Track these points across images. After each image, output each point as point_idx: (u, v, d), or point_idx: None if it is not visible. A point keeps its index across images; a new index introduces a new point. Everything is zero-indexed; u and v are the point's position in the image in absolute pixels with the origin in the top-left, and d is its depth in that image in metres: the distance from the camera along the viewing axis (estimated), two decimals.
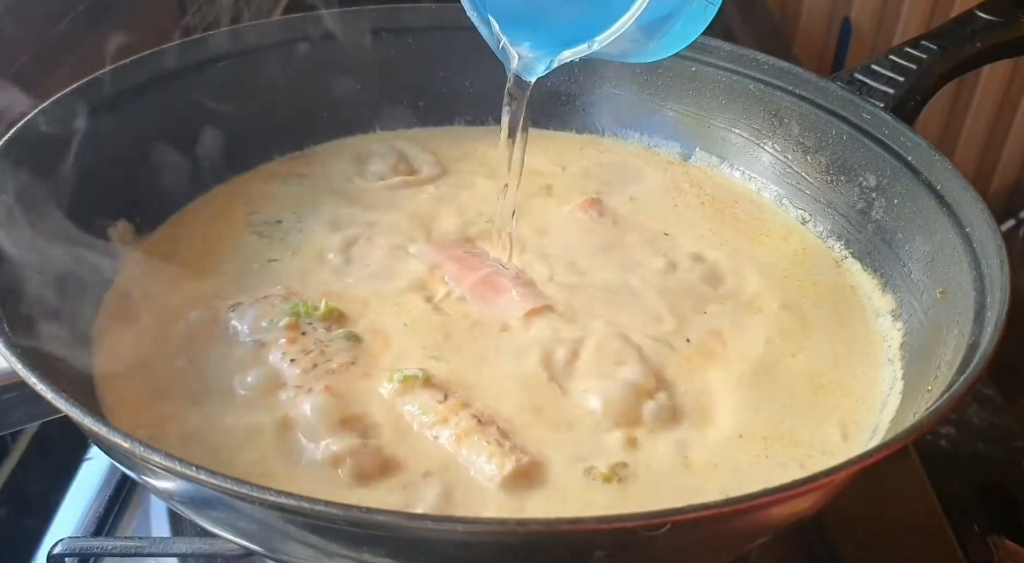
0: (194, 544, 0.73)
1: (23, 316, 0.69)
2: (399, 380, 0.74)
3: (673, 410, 0.75)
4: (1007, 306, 0.69)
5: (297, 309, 0.80)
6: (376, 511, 0.53)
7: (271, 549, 0.63)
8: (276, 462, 0.69)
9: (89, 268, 0.82)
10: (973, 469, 0.99)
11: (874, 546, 0.84)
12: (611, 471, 0.69)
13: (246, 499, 0.53)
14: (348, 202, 0.97)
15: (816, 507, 0.65)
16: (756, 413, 0.76)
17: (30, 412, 0.72)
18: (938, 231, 0.83)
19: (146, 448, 0.55)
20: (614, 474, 0.69)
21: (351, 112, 1.06)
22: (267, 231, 0.92)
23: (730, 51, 1.02)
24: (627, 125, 1.10)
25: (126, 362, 0.76)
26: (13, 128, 0.78)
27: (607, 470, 0.69)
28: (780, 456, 0.73)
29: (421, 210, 0.96)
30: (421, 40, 1.07)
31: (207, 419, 0.72)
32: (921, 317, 0.82)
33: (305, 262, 0.88)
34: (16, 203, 0.75)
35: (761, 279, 0.90)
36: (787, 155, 1.00)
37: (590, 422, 0.74)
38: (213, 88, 0.96)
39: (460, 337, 0.81)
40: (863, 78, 0.96)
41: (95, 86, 0.87)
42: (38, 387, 0.59)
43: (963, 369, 0.65)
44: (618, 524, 0.53)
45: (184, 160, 0.93)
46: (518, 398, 0.75)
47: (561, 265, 0.90)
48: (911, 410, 0.73)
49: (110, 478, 0.85)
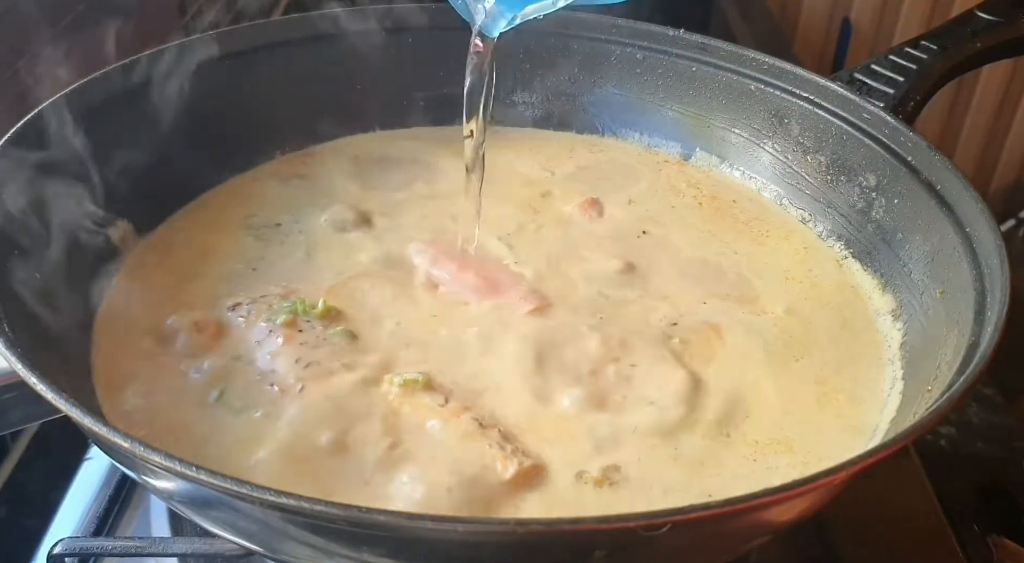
0: (194, 544, 0.73)
1: (23, 316, 0.69)
2: (399, 383, 0.74)
3: (672, 409, 0.75)
4: (1007, 306, 0.69)
5: (295, 307, 0.80)
6: (376, 511, 0.53)
7: (271, 549, 0.63)
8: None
9: (89, 268, 0.82)
10: (973, 469, 0.99)
11: (874, 546, 0.84)
12: (603, 474, 0.70)
13: (246, 499, 0.53)
14: (347, 202, 0.97)
15: (816, 507, 0.65)
16: (755, 414, 0.76)
17: (30, 412, 0.72)
18: (938, 231, 0.83)
19: (146, 448, 0.55)
20: (605, 478, 0.69)
21: (351, 112, 1.06)
22: (266, 232, 0.92)
23: (730, 51, 1.02)
24: (627, 125, 1.10)
25: (126, 362, 0.76)
26: (13, 128, 0.78)
27: (599, 474, 0.70)
28: (777, 457, 0.73)
29: (422, 211, 0.96)
30: (420, 39, 1.07)
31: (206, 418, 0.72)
32: (921, 317, 0.82)
33: (304, 262, 0.88)
34: (15, 203, 0.75)
35: (762, 281, 0.90)
36: (787, 155, 1.00)
37: (587, 423, 0.73)
38: (213, 88, 0.96)
39: (460, 337, 0.80)
40: (863, 78, 0.96)
41: (93, 87, 0.87)
42: (38, 387, 0.59)
43: (963, 369, 0.65)
44: (618, 524, 0.53)
45: (183, 160, 0.93)
46: (518, 399, 0.75)
47: (562, 264, 0.90)
48: (911, 410, 0.73)
49: (110, 478, 0.85)
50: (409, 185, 1.00)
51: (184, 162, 0.93)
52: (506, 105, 1.10)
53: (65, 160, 0.82)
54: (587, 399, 0.75)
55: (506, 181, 1.02)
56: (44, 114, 0.81)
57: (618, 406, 0.75)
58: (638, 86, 1.08)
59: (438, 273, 0.87)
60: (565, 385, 0.76)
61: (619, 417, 0.74)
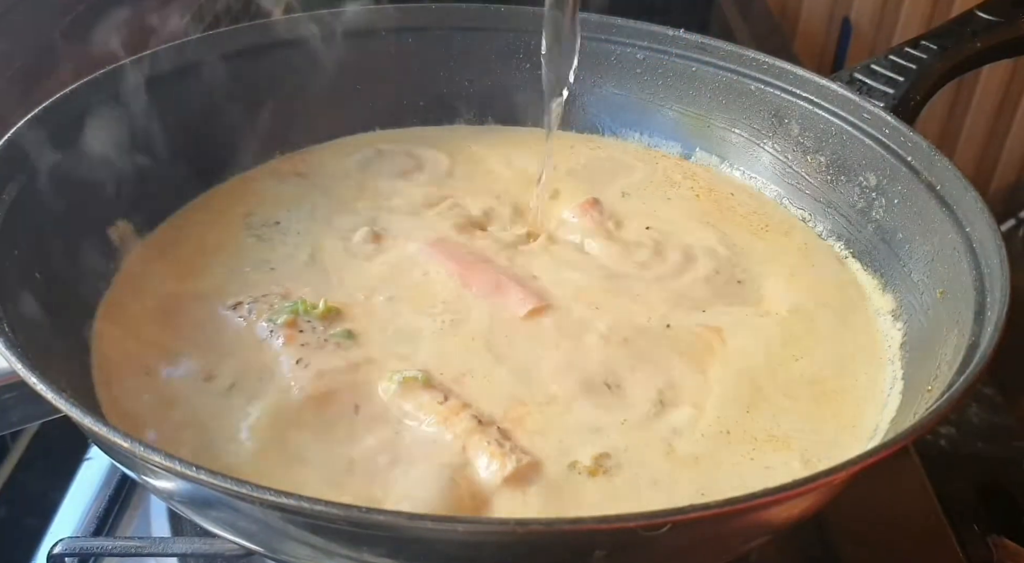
0: (194, 544, 0.73)
1: (23, 316, 0.69)
2: (399, 381, 0.74)
3: (669, 405, 0.76)
4: (1007, 306, 0.69)
5: (296, 307, 0.80)
6: (376, 511, 0.53)
7: (271, 549, 0.63)
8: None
9: (89, 268, 0.82)
10: (973, 469, 0.99)
11: (874, 546, 0.84)
12: (595, 463, 0.70)
13: (246, 499, 0.53)
14: (347, 201, 0.97)
15: (816, 507, 0.65)
16: (754, 411, 0.76)
17: (30, 412, 0.72)
18: (938, 231, 0.83)
19: (146, 448, 0.55)
20: (599, 466, 0.70)
21: (351, 111, 1.06)
22: (266, 232, 0.92)
23: (730, 51, 1.02)
24: (627, 125, 1.10)
25: (126, 362, 0.76)
26: (14, 128, 0.78)
27: (591, 463, 0.70)
28: (775, 456, 0.73)
29: (422, 209, 0.96)
30: (420, 39, 1.07)
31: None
32: (921, 317, 0.82)
33: (305, 262, 0.88)
34: (16, 203, 0.75)
35: (768, 278, 0.90)
36: (787, 155, 1.00)
37: (584, 418, 0.74)
38: (213, 88, 0.96)
39: (460, 336, 0.81)
40: (863, 78, 0.96)
41: (94, 87, 0.87)
42: (38, 387, 0.59)
43: (963, 369, 0.65)
44: (618, 524, 0.53)
45: (183, 159, 0.93)
46: (518, 397, 0.75)
47: (561, 264, 0.90)
48: (911, 410, 0.73)
49: (110, 478, 0.85)
50: (410, 185, 1.00)
51: (183, 161, 0.93)
52: (505, 105, 1.10)
53: (65, 160, 0.81)
54: (585, 396, 0.75)
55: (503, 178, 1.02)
56: (43, 116, 0.81)
57: (617, 405, 0.75)
58: (638, 86, 1.08)
59: (439, 272, 0.87)
60: (563, 383, 0.76)
61: (616, 414, 0.74)
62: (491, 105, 1.10)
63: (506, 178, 1.02)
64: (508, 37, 1.07)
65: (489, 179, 1.02)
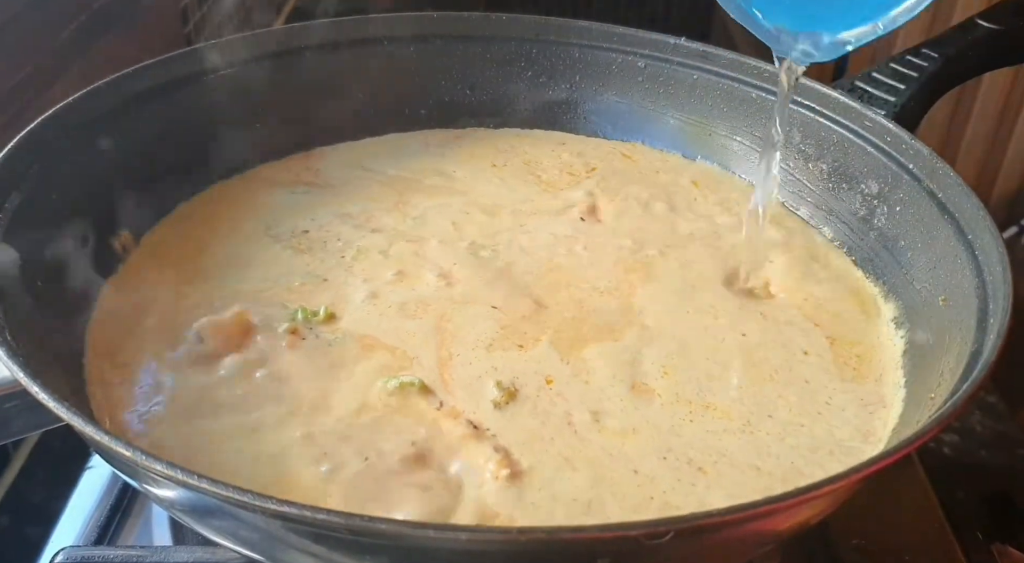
0: (196, 553, 0.73)
1: (24, 324, 0.69)
2: (396, 387, 0.74)
3: (669, 406, 0.75)
4: (1010, 314, 0.69)
5: (297, 315, 0.80)
6: (378, 520, 0.53)
7: (273, 558, 0.63)
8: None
9: (90, 274, 0.82)
10: (977, 477, 0.98)
11: (877, 554, 0.84)
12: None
13: (248, 508, 0.53)
14: (349, 202, 0.97)
15: (819, 515, 0.65)
16: (753, 415, 0.76)
17: (32, 421, 0.72)
18: (940, 238, 0.83)
19: (148, 457, 0.55)
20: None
21: (353, 117, 1.06)
22: (270, 235, 0.92)
23: (732, 59, 1.03)
24: (629, 133, 1.10)
25: (128, 370, 0.76)
26: (16, 137, 0.79)
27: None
28: (775, 460, 0.73)
29: (421, 213, 0.96)
30: (423, 48, 1.07)
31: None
32: (923, 325, 0.82)
33: (306, 265, 0.88)
34: (17, 211, 0.75)
35: (770, 277, 0.91)
36: (788, 163, 1.00)
37: (582, 419, 0.74)
38: (215, 95, 0.96)
39: (461, 341, 0.80)
40: (864, 86, 0.96)
41: (97, 96, 0.87)
42: (40, 396, 0.59)
43: (966, 377, 0.65)
44: (620, 532, 0.53)
45: (186, 164, 0.94)
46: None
47: (563, 264, 0.90)
48: (914, 418, 0.72)
49: (111, 487, 0.85)
50: (415, 187, 1.00)
51: (186, 166, 0.94)
52: (508, 113, 1.10)
53: (66, 167, 0.82)
54: (581, 394, 0.76)
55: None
56: (49, 122, 0.81)
57: (617, 405, 0.75)
58: (640, 94, 1.08)
59: (444, 278, 0.87)
60: (565, 380, 0.76)
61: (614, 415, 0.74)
62: (490, 112, 1.10)
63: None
64: (512, 47, 1.08)
65: (490, 180, 1.02)
